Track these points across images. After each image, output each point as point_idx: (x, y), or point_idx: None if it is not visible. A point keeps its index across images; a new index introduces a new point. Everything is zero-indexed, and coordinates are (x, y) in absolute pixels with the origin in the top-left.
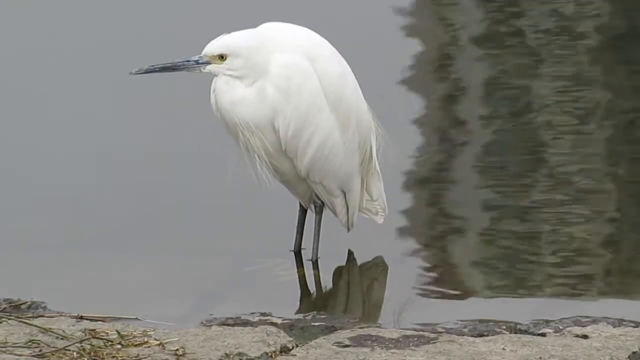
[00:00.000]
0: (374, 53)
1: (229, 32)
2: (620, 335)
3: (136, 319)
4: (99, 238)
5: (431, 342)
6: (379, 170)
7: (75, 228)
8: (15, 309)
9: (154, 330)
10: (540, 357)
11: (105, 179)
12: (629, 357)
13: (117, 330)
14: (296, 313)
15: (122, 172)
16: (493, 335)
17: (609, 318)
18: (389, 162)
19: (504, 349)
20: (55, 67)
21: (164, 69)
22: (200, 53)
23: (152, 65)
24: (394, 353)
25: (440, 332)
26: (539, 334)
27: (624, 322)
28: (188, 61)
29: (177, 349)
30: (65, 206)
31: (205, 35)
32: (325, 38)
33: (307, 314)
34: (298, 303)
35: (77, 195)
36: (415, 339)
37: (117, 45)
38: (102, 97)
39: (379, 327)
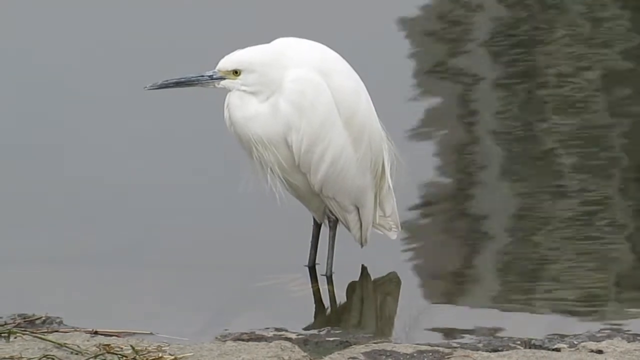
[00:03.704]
0: (386, 68)
1: (242, 47)
2: (635, 350)
3: (150, 334)
4: (114, 253)
5: (446, 357)
6: (392, 186)
7: (90, 243)
8: (30, 324)
9: (168, 346)
10: None
11: (119, 193)
12: None
13: (131, 345)
14: (310, 328)
15: (136, 188)
16: (508, 350)
17: (623, 333)
18: (401, 178)
19: None
20: (67, 82)
21: (178, 84)
22: (214, 68)
23: (166, 81)
24: None
25: (455, 347)
26: (553, 349)
27: (638, 337)
28: (202, 76)
29: None
30: (80, 221)
31: (219, 50)
32: (339, 53)
33: (322, 329)
34: (312, 318)
35: (92, 210)
36: (430, 354)
37: (130, 60)
38: (115, 112)
39: (393, 342)
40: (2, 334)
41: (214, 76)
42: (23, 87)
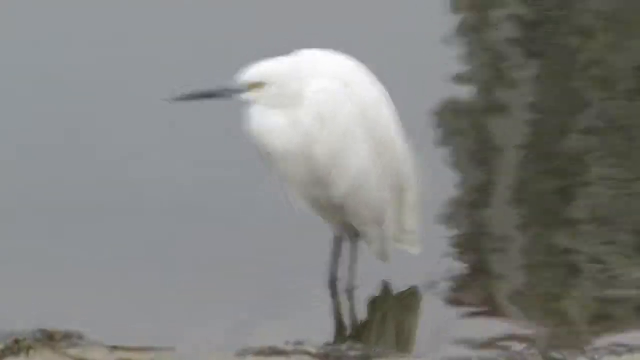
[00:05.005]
0: (410, 79)
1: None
2: None
3: (170, 349)
4: (131, 262)
5: None
6: (413, 201)
7: (113, 247)
8: (50, 339)
9: None
10: None
11: (140, 201)
12: None
13: None
14: (331, 343)
15: (157, 195)
16: None
17: None
18: (423, 192)
19: None
20: (67, 81)
21: (198, 97)
22: (235, 80)
23: (186, 94)
24: None
25: None
26: None
27: None
28: (225, 89)
29: None
30: (104, 227)
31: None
32: (363, 63)
33: (343, 343)
34: (333, 333)
35: (105, 217)
36: None
37: (129, 60)
38: (116, 111)
39: (415, 357)
40: (22, 350)
41: (236, 88)
42: (23, 87)
